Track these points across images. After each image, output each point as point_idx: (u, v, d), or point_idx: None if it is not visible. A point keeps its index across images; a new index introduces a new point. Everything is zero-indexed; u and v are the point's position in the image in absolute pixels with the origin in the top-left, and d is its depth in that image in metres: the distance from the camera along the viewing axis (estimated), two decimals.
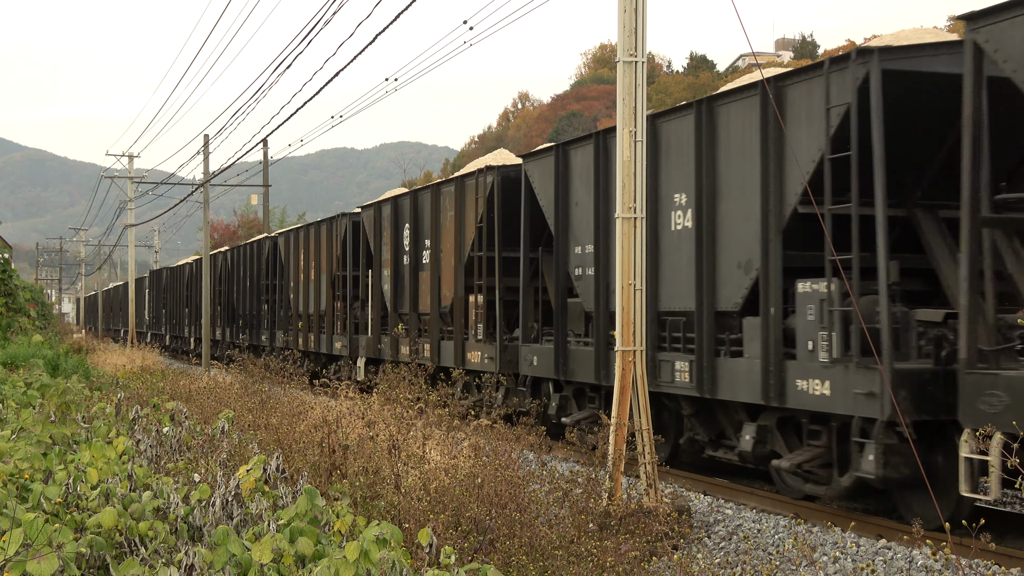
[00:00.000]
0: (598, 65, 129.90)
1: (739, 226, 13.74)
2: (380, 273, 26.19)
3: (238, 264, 43.00)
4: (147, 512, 6.15)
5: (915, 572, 10.08)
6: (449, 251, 21.99)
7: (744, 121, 13.65)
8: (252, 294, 40.41)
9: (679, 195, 14.81)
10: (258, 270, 39.72)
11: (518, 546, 7.83)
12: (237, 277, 43.08)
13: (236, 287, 43.16)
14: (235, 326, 42.80)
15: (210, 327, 45.10)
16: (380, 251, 26.24)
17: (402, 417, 11.46)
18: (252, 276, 40.45)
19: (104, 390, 16.82)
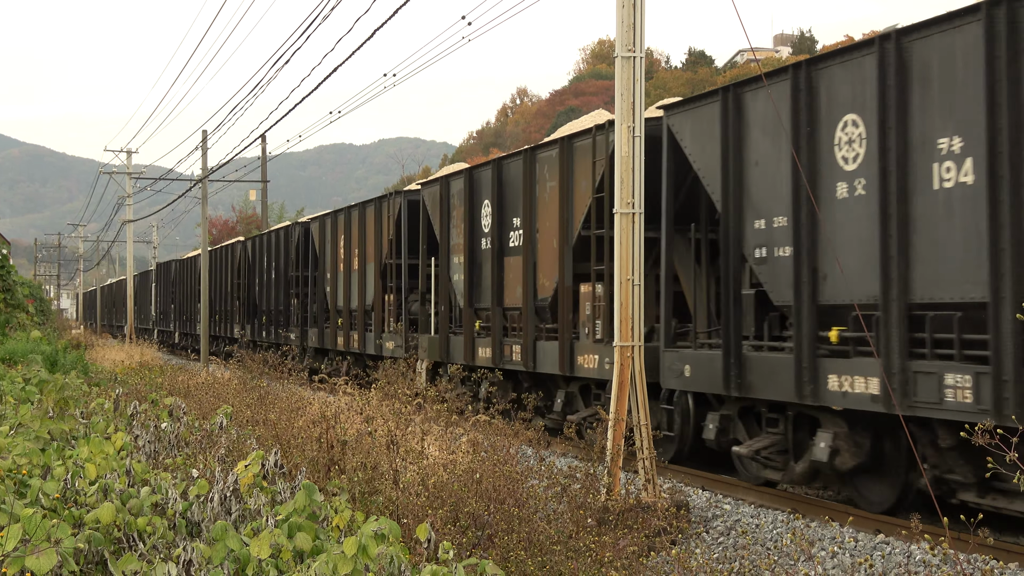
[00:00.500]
0: (596, 61, 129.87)
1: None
2: (448, 261, 21.97)
3: (261, 254, 39.28)
4: (145, 508, 6.15)
5: (913, 567, 10.09)
6: (550, 231, 17.93)
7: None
8: (278, 287, 36.76)
9: (948, 140, 10.83)
10: (286, 260, 35.98)
11: (516, 541, 7.84)
12: (260, 269, 39.40)
13: (258, 279, 39.69)
14: (256, 322, 39.76)
15: (228, 324, 44.96)
16: (448, 234, 21.98)
17: (400, 412, 11.47)
18: (278, 267, 36.68)
19: (102, 386, 16.82)
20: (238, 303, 42.97)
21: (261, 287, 39.31)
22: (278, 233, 37.35)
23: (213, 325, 45.53)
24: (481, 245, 20.48)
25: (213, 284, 46.11)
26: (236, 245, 44.55)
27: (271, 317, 37.60)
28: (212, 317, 46.17)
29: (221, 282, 46.26)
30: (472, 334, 20.68)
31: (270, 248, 38.01)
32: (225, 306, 45.69)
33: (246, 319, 41.67)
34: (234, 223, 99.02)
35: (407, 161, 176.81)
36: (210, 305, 44.96)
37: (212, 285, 45.47)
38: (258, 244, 40.03)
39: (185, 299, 52.85)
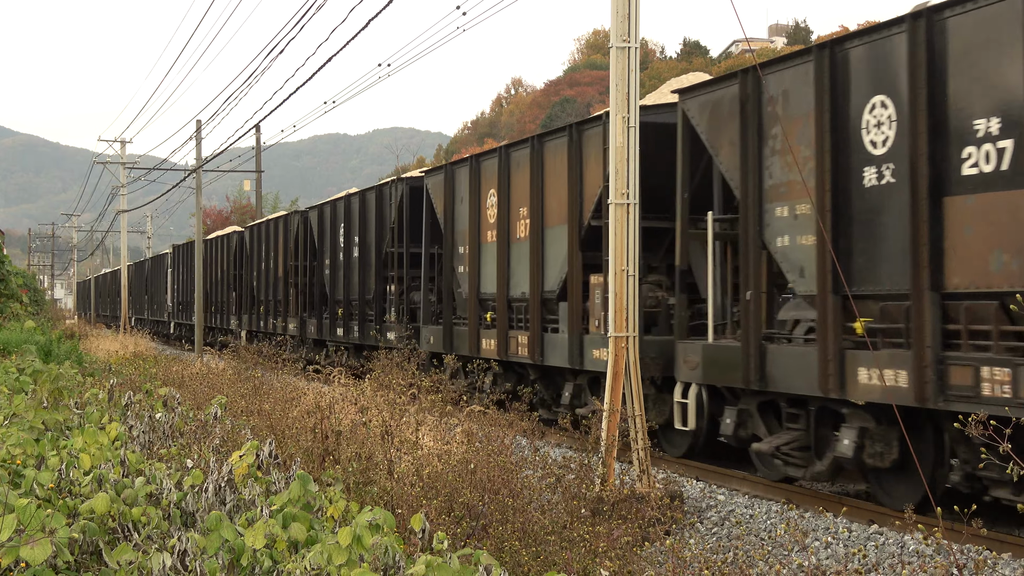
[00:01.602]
0: (591, 51, 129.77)
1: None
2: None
3: (258, 244, 39.14)
4: (140, 498, 6.15)
5: (907, 557, 10.11)
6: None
7: None
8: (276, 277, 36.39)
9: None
10: (284, 250, 35.47)
11: (511, 531, 7.85)
12: (257, 258, 39.21)
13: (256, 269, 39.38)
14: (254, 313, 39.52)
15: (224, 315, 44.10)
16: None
17: (394, 403, 11.48)
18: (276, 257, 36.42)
19: (97, 376, 16.81)
20: (234, 293, 42.54)
21: (259, 277, 38.74)
22: (276, 222, 36.74)
23: (256, 319, 42.62)
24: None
25: (208, 274, 45.46)
26: (232, 235, 44.03)
27: (268, 307, 37.22)
28: (253, 309, 43.99)
29: (216, 272, 45.55)
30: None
31: (267, 237, 37.46)
32: (220, 296, 44.94)
33: (243, 309, 41.17)
34: (228, 213, 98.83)
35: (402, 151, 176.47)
36: (252, 294, 43.02)
37: (207, 275, 44.68)
38: (255, 233, 39.56)
39: (215, 287, 46.54)
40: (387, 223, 25.89)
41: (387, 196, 25.95)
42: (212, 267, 46.12)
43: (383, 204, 26.29)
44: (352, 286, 28.47)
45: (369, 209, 27.27)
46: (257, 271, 38.55)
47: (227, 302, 43.57)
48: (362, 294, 27.64)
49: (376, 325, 26.25)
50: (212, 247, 46.56)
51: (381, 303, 26.48)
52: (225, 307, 43.90)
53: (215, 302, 45.56)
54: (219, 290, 45.15)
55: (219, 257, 45.47)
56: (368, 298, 27.30)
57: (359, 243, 27.91)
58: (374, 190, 27.35)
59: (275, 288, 36.07)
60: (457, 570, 4.76)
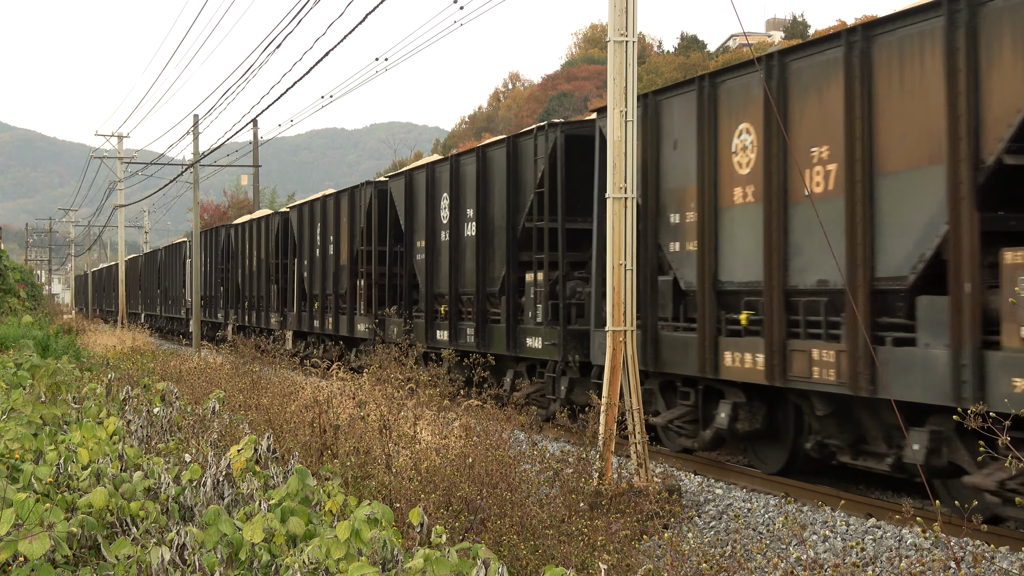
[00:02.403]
0: (589, 45, 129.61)
1: None
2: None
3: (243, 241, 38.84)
4: (138, 492, 6.15)
5: (904, 550, 10.13)
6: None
7: None
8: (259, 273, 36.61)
9: None
10: (266, 248, 35.73)
11: (509, 525, 7.85)
12: (242, 255, 38.67)
13: (242, 266, 39.15)
14: (240, 307, 38.97)
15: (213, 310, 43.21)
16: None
17: (392, 397, 11.48)
18: (259, 254, 36.16)
19: (94, 371, 16.81)
20: (275, 286, 37.45)
21: (311, 266, 33.31)
22: (338, 197, 31.19)
23: (241, 313, 41.12)
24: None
25: (238, 264, 41.80)
26: (272, 217, 38.20)
27: (253, 302, 38.27)
28: (238, 304, 42.38)
29: (248, 261, 39.81)
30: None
31: (327, 215, 32.10)
32: (255, 290, 39.37)
33: (288, 305, 36.05)
34: (226, 208, 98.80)
35: (399, 146, 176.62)
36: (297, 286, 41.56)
37: (239, 265, 41.37)
38: (306, 213, 34.03)
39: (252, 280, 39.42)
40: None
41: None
42: (242, 256, 40.49)
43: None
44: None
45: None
46: (309, 259, 32.18)
47: (266, 296, 37.11)
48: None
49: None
50: (243, 232, 40.66)
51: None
52: (263, 303, 37.55)
53: (248, 296, 39.63)
54: (254, 283, 38.66)
55: (252, 244, 38.98)
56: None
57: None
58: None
59: (335, 279, 29.64)
60: (455, 564, 4.77)
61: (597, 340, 15.93)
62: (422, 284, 22.99)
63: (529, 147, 18.64)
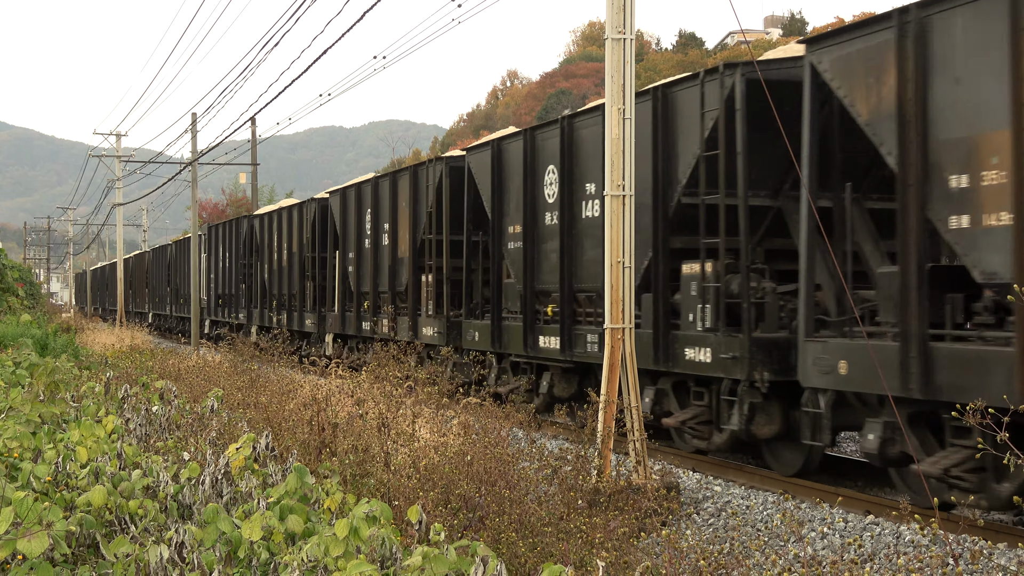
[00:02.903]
0: (587, 43, 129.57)
1: None
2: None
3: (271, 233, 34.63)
4: (137, 490, 6.16)
5: (902, 547, 10.14)
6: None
7: None
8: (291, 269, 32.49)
9: None
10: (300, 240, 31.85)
11: (507, 523, 7.86)
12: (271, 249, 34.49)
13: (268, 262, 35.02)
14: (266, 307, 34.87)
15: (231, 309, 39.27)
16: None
17: (391, 395, 11.49)
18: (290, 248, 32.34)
19: (93, 369, 16.81)
20: (311, 283, 33.33)
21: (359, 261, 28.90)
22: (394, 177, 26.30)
23: (262, 314, 36.78)
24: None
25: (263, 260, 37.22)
26: (308, 204, 34.10)
27: (282, 301, 33.61)
28: (217, 301, 41.22)
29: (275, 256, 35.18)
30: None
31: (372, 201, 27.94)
32: (282, 287, 34.93)
33: (326, 304, 32.17)
34: (224, 206, 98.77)
35: (397, 144, 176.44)
36: (210, 288, 40.47)
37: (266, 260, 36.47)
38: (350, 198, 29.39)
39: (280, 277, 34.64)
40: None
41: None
42: (269, 249, 35.71)
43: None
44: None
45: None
46: (356, 251, 27.30)
47: (299, 295, 32.68)
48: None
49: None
50: (271, 223, 35.83)
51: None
52: (295, 302, 33.03)
53: (277, 295, 34.91)
54: (284, 279, 34.11)
55: (282, 235, 34.51)
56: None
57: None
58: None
59: (392, 274, 24.82)
60: (454, 561, 4.77)
61: (810, 354, 12.27)
62: (516, 279, 18.48)
63: (691, 98, 14.45)
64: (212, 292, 44.21)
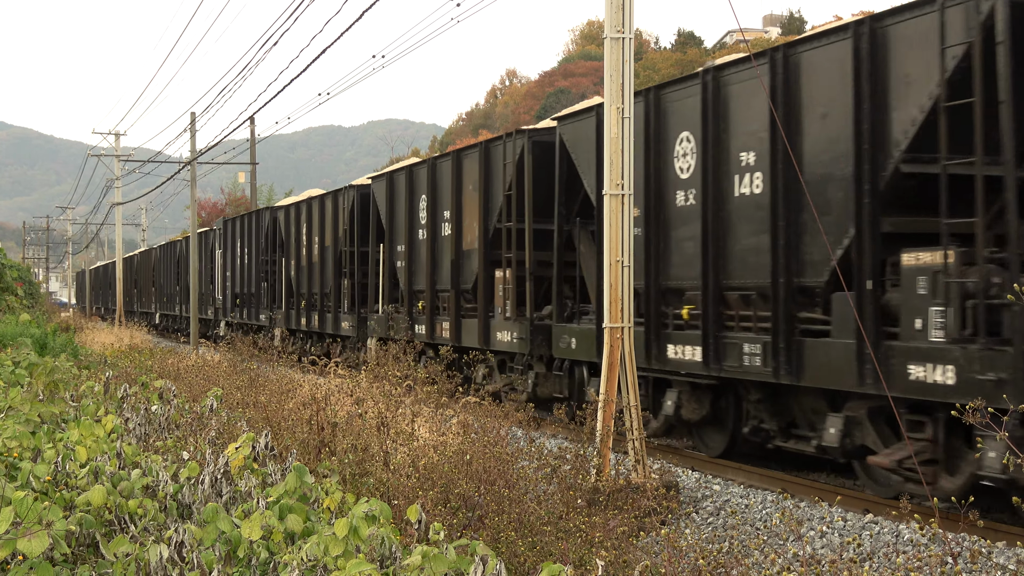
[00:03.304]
0: (586, 42, 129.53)
1: None
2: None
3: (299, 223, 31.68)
4: (136, 490, 6.16)
5: (902, 546, 10.14)
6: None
7: None
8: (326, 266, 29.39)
9: None
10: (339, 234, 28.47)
11: (507, 522, 7.86)
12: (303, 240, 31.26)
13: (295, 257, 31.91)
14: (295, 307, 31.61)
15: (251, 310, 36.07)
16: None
17: (390, 394, 11.49)
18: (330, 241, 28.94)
19: (92, 369, 16.81)
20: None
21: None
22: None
23: (235, 310, 36.36)
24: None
25: (229, 262, 38.12)
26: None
27: (312, 301, 30.29)
28: (234, 301, 38.34)
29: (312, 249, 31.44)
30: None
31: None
32: (247, 288, 35.59)
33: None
34: (223, 205, 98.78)
35: (396, 143, 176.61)
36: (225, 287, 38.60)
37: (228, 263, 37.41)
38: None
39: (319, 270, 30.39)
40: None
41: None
42: (297, 243, 32.09)
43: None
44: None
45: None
46: (407, 243, 23.59)
47: (333, 294, 28.78)
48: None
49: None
50: (299, 215, 32.12)
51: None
52: (328, 302, 29.26)
53: (306, 294, 31.20)
54: (315, 277, 30.39)
55: (313, 228, 30.71)
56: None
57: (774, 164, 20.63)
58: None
59: (455, 270, 21.46)
60: (453, 561, 4.78)
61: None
62: (646, 271, 15.11)
63: (924, 28, 11.08)
64: (228, 292, 40.08)
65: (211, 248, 43.92)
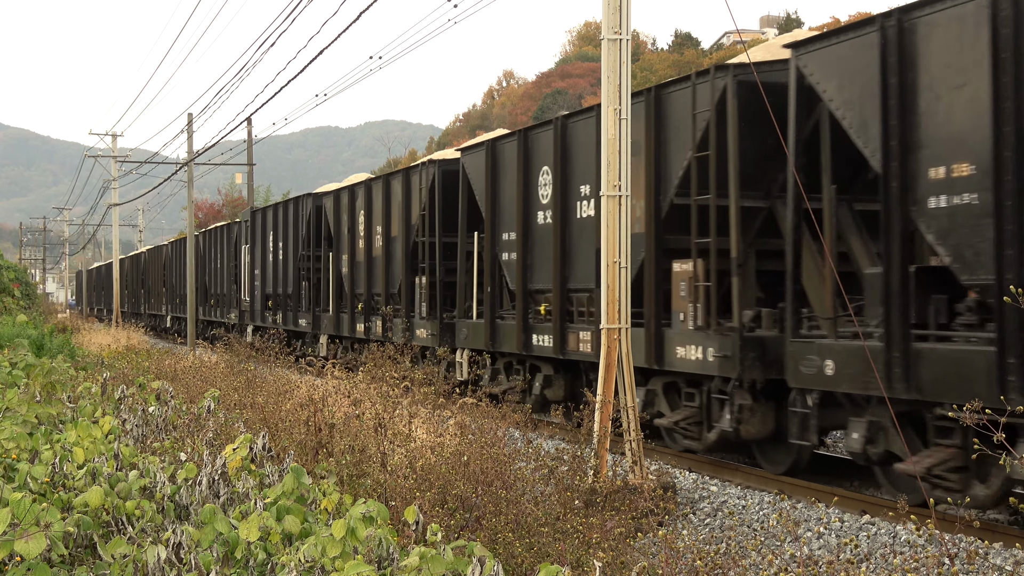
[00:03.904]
0: (583, 43, 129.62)
1: None
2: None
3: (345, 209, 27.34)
4: (134, 491, 6.16)
5: (898, 547, 10.15)
6: None
7: None
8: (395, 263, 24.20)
9: None
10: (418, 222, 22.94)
11: (504, 523, 7.86)
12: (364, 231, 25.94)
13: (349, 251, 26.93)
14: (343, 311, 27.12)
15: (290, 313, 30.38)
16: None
17: (388, 395, 11.49)
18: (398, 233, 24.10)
19: (89, 370, 16.80)
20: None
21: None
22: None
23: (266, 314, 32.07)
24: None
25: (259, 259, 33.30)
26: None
27: (373, 304, 25.59)
28: (265, 303, 33.62)
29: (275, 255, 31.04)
30: None
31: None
32: (283, 288, 31.19)
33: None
34: (220, 206, 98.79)
35: (393, 144, 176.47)
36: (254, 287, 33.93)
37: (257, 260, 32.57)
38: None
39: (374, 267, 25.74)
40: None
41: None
42: (350, 234, 27.22)
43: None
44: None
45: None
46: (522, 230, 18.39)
47: (403, 295, 23.77)
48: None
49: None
50: (351, 200, 27.39)
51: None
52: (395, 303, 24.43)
53: (362, 295, 26.43)
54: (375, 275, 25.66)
55: (370, 214, 26.06)
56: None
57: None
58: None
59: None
60: (451, 562, 4.78)
61: None
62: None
63: None
64: (259, 293, 34.33)
65: (235, 243, 38.77)
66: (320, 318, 29.15)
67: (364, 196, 26.33)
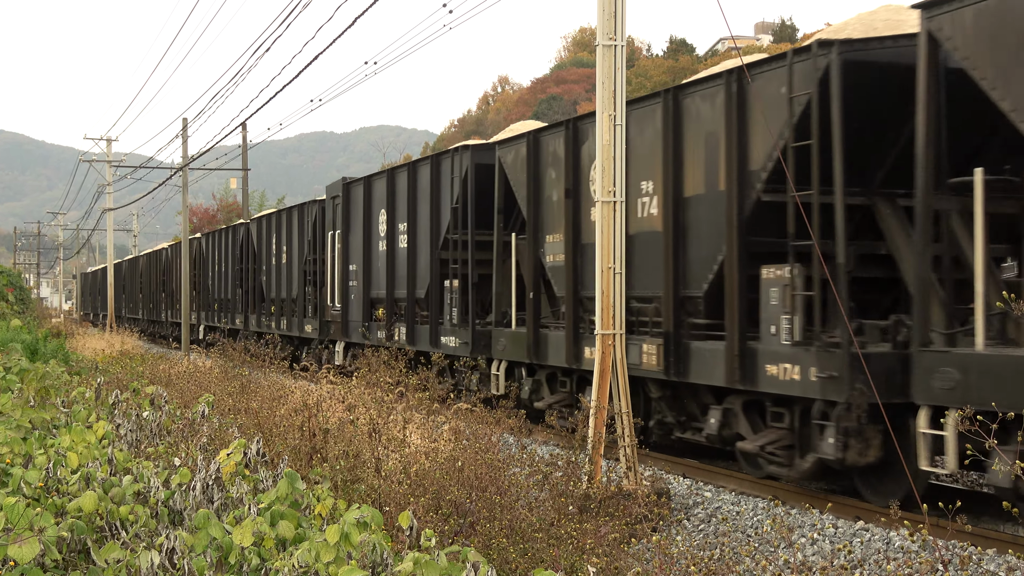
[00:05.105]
0: (578, 48, 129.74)
1: None
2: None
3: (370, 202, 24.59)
4: (128, 496, 6.15)
5: (892, 553, 10.16)
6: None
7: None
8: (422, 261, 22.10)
9: None
10: None
11: (498, 529, 7.87)
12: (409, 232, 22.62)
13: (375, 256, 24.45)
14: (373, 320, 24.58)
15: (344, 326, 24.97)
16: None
17: (382, 401, 11.49)
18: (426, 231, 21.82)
19: (83, 374, 16.78)
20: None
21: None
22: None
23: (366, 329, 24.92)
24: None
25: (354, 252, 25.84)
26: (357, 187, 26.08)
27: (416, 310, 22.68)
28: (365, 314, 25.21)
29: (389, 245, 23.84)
30: None
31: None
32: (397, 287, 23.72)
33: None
34: (215, 211, 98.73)
35: (388, 149, 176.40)
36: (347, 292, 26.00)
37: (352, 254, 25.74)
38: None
39: None
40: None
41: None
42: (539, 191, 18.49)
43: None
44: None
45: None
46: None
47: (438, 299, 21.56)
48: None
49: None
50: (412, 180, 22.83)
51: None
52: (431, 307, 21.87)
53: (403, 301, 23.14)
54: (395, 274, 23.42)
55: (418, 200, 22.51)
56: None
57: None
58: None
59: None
60: (445, 567, 4.78)
61: None
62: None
63: None
64: (357, 298, 25.85)
65: (241, 246, 34.31)
66: (373, 328, 24.93)
67: (364, 189, 25.01)
